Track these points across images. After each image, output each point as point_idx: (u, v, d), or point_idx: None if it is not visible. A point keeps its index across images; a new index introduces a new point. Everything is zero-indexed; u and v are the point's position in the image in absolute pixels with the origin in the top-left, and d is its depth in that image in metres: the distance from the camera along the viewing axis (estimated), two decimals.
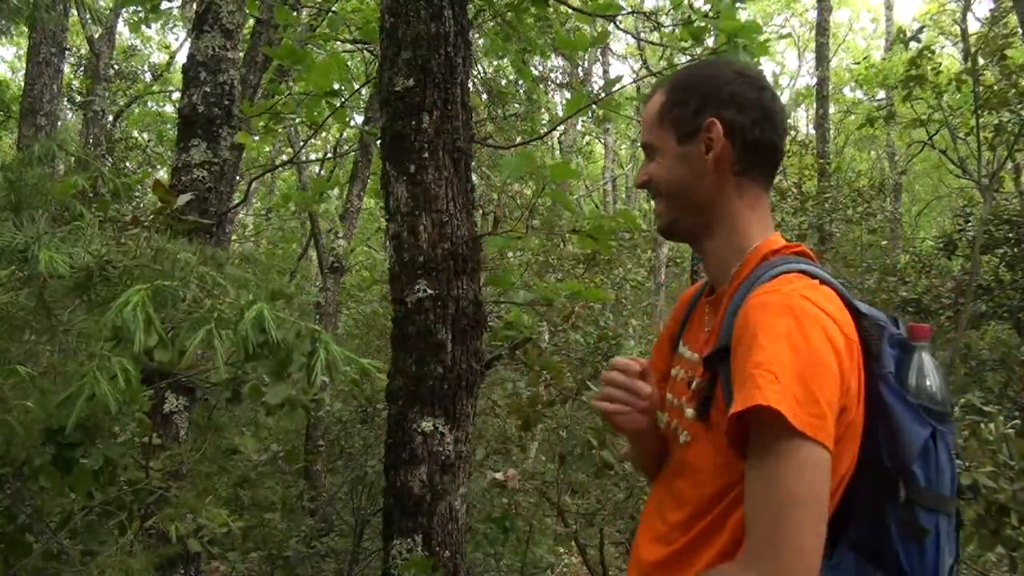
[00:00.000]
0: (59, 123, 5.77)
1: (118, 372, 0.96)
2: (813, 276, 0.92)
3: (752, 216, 1.00)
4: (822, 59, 9.82)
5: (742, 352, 0.86)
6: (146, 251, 1.12)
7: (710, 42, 2.83)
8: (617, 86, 2.94)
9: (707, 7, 2.87)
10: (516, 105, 6.48)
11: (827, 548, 0.87)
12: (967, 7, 7.22)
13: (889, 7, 14.88)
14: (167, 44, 13.57)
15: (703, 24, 2.78)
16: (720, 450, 0.90)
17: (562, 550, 4.30)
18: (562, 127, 10.26)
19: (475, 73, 5.98)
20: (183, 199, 2.37)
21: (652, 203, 1.10)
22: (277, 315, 0.99)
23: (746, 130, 0.97)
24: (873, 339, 0.92)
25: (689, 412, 0.98)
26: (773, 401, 0.79)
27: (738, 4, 2.79)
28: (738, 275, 0.99)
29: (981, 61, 5.66)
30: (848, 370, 0.86)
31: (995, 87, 5.66)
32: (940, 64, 6.35)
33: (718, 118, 0.98)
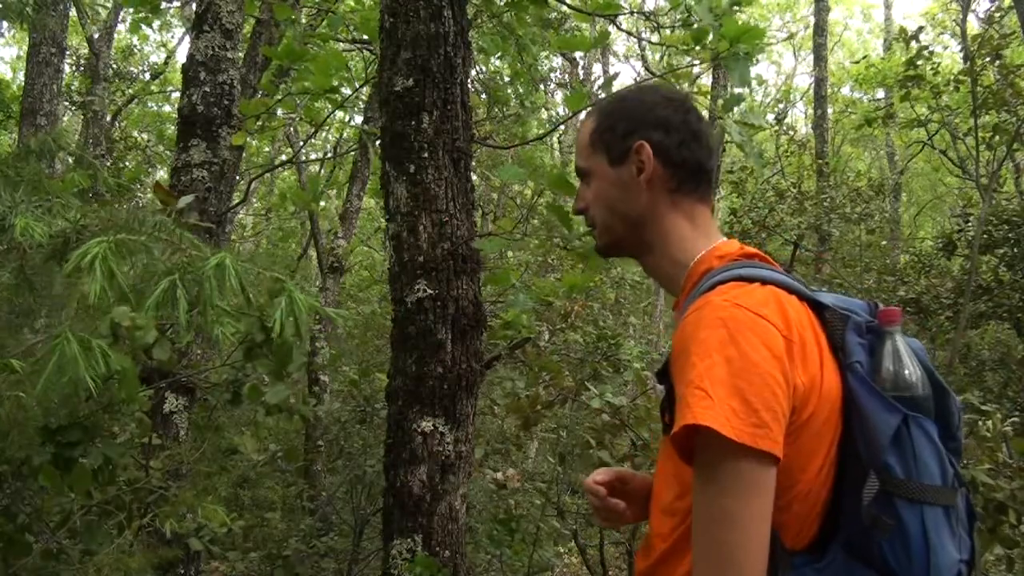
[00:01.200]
0: (59, 123, 5.76)
1: (95, 347, 0.95)
2: (752, 279, 0.91)
3: (691, 229, 1.03)
4: (820, 59, 9.82)
5: (677, 370, 0.87)
6: (121, 215, 1.11)
7: (711, 41, 2.83)
8: (616, 84, 2.94)
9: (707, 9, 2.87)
10: (516, 103, 6.48)
11: (818, 550, 0.88)
12: (967, 7, 7.22)
13: (888, 6, 14.89)
14: (166, 43, 13.57)
15: (704, 26, 2.77)
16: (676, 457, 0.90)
17: (562, 550, 4.30)
18: (562, 127, 10.26)
19: (475, 73, 5.98)
20: (184, 200, 2.37)
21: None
22: (242, 265, 0.98)
23: (672, 150, 1.01)
24: (836, 330, 0.92)
25: (659, 427, 1.01)
26: (704, 419, 0.79)
27: (735, 8, 2.78)
28: (683, 289, 1.01)
29: (979, 61, 5.66)
30: (792, 371, 0.85)
31: (992, 87, 5.66)
32: (939, 64, 6.35)
33: (647, 140, 1.01)
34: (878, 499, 0.85)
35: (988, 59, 5.58)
